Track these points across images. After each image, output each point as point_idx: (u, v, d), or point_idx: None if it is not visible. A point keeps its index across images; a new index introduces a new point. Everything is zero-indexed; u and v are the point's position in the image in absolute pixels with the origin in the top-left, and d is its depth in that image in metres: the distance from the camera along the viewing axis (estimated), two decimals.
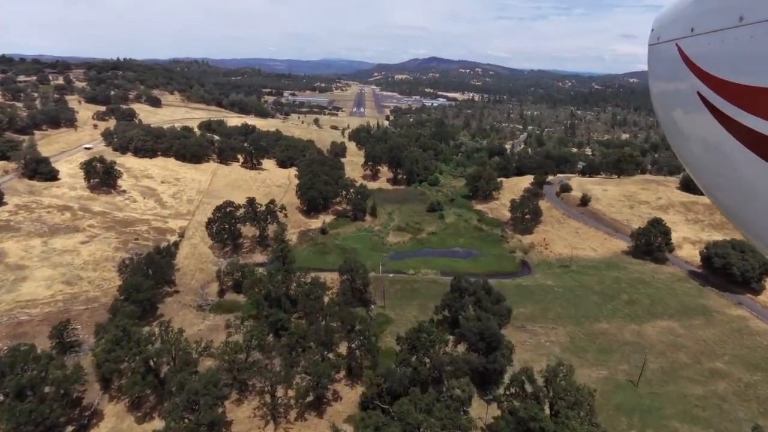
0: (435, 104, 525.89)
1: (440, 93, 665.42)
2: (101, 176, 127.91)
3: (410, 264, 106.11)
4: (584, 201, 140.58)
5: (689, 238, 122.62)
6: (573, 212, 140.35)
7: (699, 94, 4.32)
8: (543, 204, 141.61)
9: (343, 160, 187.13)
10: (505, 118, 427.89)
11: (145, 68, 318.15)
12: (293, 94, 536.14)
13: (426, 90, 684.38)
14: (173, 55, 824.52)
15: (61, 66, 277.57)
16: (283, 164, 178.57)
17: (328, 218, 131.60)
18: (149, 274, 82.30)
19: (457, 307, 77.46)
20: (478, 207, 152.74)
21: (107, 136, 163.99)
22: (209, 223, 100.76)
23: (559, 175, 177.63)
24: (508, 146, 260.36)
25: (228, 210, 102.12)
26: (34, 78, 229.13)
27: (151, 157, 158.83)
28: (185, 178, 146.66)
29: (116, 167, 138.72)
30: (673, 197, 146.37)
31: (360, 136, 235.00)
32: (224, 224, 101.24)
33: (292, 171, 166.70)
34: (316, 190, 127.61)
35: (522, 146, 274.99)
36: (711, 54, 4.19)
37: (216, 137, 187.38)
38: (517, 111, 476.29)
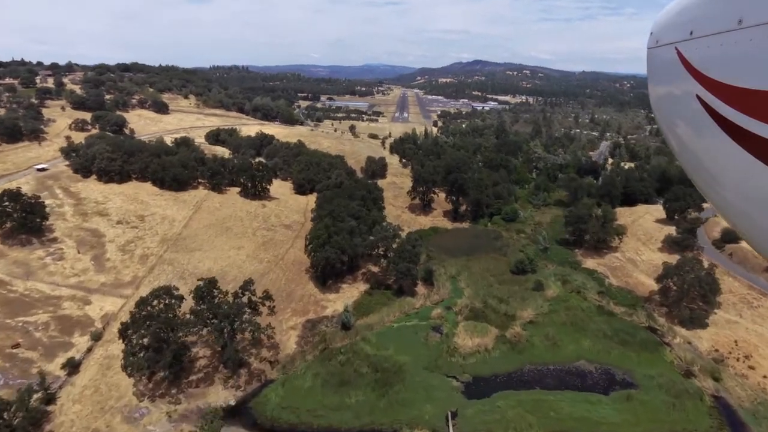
0: (487, 108, 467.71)
1: (489, 96, 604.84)
2: (17, 220, 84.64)
3: (506, 413, 54.16)
4: None
5: None
6: (762, 282, 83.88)
7: (698, 97, 4.18)
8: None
9: (381, 182, 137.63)
10: (573, 122, 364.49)
11: (159, 70, 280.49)
12: (330, 98, 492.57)
13: (473, 93, 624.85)
14: (218, 63, 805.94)
15: (64, 69, 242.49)
16: (300, 189, 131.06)
17: (356, 290, 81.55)
18: None
19: None
20: (588, 263, 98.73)
21: (68, 153, 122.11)
22: (125, 331, 52.86)
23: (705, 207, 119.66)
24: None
25: (162, 305, 54.10)
26: (17, 81, 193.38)
27: (120, 182, 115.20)
28: (154, 216, 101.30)
29: (50, 203, 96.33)
30: None
31: (404, 148, 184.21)
32: (152, 334, 53.24)
33: (312, 200, 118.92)
34: (336, 246, 77.71)
35: (609, 159, 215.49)
36: (710, 57, 4.04)
37: (219, 151, 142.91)
38: (583, 114, 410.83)
